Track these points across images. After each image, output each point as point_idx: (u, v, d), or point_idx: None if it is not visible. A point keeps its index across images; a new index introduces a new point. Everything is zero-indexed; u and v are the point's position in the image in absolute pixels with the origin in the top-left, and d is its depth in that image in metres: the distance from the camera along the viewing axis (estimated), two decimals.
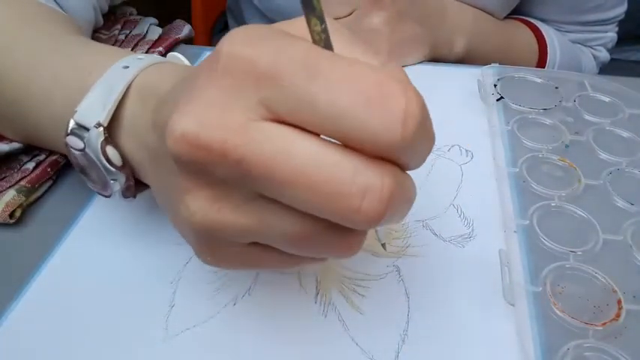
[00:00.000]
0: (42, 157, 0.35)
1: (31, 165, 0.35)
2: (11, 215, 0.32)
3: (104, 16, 0.48)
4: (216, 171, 0.18)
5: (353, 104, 0.16)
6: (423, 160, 0.19)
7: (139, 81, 0.27)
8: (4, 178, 0.34)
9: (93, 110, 0.26)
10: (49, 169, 0.35)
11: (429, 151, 0.18)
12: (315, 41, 0.18)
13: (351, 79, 0.16)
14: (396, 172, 0.17)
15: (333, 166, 0.16)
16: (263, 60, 0.17)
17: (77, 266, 0.31)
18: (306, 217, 0.18)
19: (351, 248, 0.20)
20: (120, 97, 0.26)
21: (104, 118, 0.26)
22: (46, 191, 0.35)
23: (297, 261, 0.21)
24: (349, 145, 0.17)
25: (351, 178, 0.16)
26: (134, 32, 0.49)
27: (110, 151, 0.26)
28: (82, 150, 0.26)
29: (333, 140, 0.17)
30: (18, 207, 0.33)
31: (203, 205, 0.19)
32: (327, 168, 0.16)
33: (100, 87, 0.27)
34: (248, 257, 0.21)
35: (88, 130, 0.26)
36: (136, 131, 0.26)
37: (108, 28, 0.49)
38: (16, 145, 0.35)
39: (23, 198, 0.33)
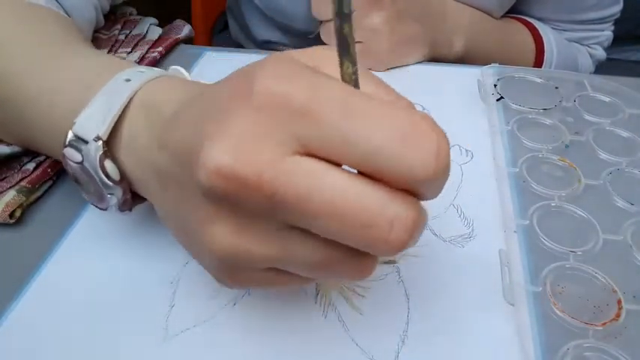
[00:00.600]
0: (42, 157, 0.35)
1: (31, 165, 0.35)
2: (11, 215, 0.32)
3: (105, 16, 0.48)
4: (248, 203, 0.18)
5: (389, 140, 0.17)
6: (438, 194, 0.19)
7: (142, 96, 0.26)
8: (5, 178, 0.34)
9: (92, 123, 0.26)
10: (49, 170, 0.35)
11: (445, 183, 0.19)
12: (345, 82, 0.19)
13: (385, 117, 0.17)
14: (417, 203, 0.18)
15: (363, 198, 0.17)
16: (299, 96, 0.17)
17: (77, 266, 0.31)
18: (328, 246, 0.19)
19: (365, 272, 0.20)
20: (120, 111, 0.26)
21: (104, 131, 0.25)
22: (46, 191, 0.35)
23: (310, 282, 0.23)
24: (380, 177, 0.17)
25: (381, 210, 0.17)
26: (134, 32, 0.49)
27: (109, 165, 0.26)
28: (80, 163, 0.26)
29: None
30: (18, 207, 0.33)
31: (229, 235, 0.19)
32: (358, 200, 0.17)
33: (101, 99, 0.26)
34: (266, 280, 0.22)
35: (86, 142, 0.26)
36: (137, 147, 0.25)
37: (108, 28, 0.49)
38: (17, 148, 0.35)
39: (23, 198, 0.33)
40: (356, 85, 0.19)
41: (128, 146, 0.26)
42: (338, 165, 0.18)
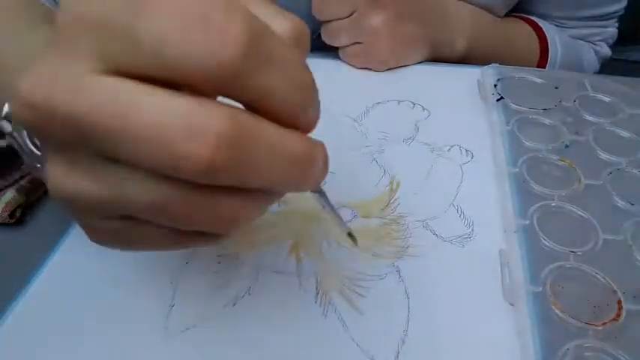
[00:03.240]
0: None
1: None
2: (11, 215, 0.32)
3: None
4: (53, 133, 0.17)
5: (171, 31, 0.15)
6: (299, 106, 0.17)
7: None
8: (4, 177, 0.34)
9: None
10: None
11: (291, 84, 0.16)
12: None
13: (172, 6, 0.15)
14: (241, 114, 0.16)
15: (160, 111, 0.15)
16: (92, 9, 0.16)
17: (77, 266, 0.31)
18: (160, 181, 0.17)
19: (223, 218, 0.18)
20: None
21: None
22: (46, 191, 0.35)
23: (183, 239, 0.20)
24: (183, 85, 0.15)
25: (178, 123, 0.15)
26: None
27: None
28: (10, 133, 0.25)
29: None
30: (18, 207, 0.33)
31: (59, 175, 0.18)
32: (154, 114, 0.15)
33: None
34: (127, 234, 0.20)
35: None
36: None
37: None
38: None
39: (23, 197, 0.33)
40: None
41: None
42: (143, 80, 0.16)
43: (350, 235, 0.23)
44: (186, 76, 0.15)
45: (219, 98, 0.17)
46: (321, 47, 0.49)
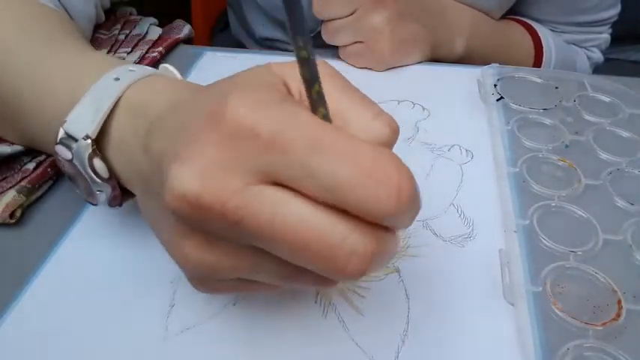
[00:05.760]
0: (42, 157, 0.35)
1: (31, 165, 0.35)
2: (11, 215, 0.32)
3: (105, 16, 0.48)
4: (213, 227, 0.19)
5: (351, 178, 0.17)
6: (408, 226, 0.20)
7: (130, 95, 0.26)
8: (5, 178, 0.34)
9: (82, 121, 0.26)
10: (49, 170, 0.35)
11: (413, 219, 0.19)
12: (312, 100, 0.19)
13: (350, 153, 0.17)
14: (380, 235, 0.18)
15: (324, 229, 0.18)
16: (268, 128, 0.18)
17: (77, 266, 0.31)
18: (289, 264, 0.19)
19: (329, 284, 0.21)
20: (109, 111, 0.26)
21: (92, 130, 0.26)
22: (46, 191, 0.35)
23: (278, 288, 0.23)
24: (344, 209, 0.18)
25: (340, 242, 0.18)
26: (134, 32, 0.49)
27: (97, 163, 0.26)
28: (70, 160, 0.26)
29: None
30: (18, 207, 0.33)
31: (198, 250, 0.20)
32: (318, 231, 0.18)
33: (90, 98, 0.26)
34: (234, 287, 0.23)
35: (76, 140, 0.26)
36: (124, 147, 0.26)
37: (108, 28, 0.49)
38: (17, 148, 0.35)
39: (24, 198, 0.33)
40: (324, 106, 0.19)
41: (117, 146, 0.26)
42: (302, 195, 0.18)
43: None
44: (353, 212, 0.18)
45: None
46: (320, 46, 0.49)
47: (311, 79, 0.18)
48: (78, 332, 0.28)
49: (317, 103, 0.19)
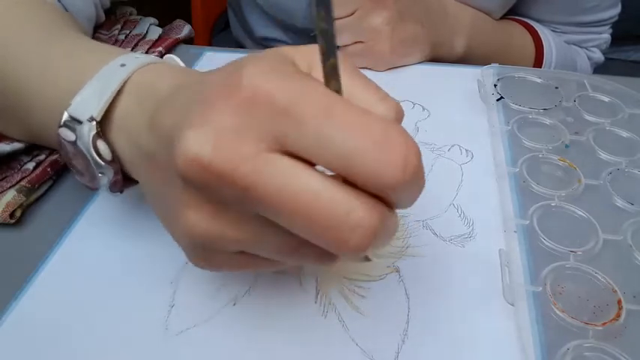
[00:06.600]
0: (42, 157, 0.35)
1: (31, 165, 0.35)
2: (11, 215, 0.32)
3: (105, 16, 0.48)
4: (222, 193, 0.19)
5: (361, 146, 0.17)
6: (411, 204, 0.20)
7: (136, 79, 0.27)
8: (5, 178, 0.34)
9: (87, 104, 0.26)
10: (49, 169, 0.35)
11: (417, 196, 0.20)
12: (327, 76, 0.19)
13: (361, 124, 0.18)
14: (384, 212, 0.19)
15: (332, 201, 0.18)
16: (283, 96, 0.18)
17: (77, 266, 0.31)
18: (295, 235, 0.19)
19: (332, 259, 0.21)
20: (115, 93, 0.26)
21: (97, 112, 0.26)
22: (46, 191, 0.35)
23: (281, 265, 0.23)
24: (351, 180, 0.18)
25: (345, 215, 0.18)
26: (134, 32, 0.49)
27: (101, 145, 0.26)
28: (74, 142, 0.27)
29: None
30: (18, 207, 0.33)
31: (204, 220, 0.20)
32: (325, 202, 0.18)
33: (96, 82, 0.27)
34: (237, 262, 0.23)
35: (80, 123, 0.26)
36: (128, 129, 0.26)
37: (108, 28, 0.49)
38: (17, 145, 0.35)
39: (23, 198, 0.33)
40: (337, 80, 0.20)
41: (120, 128, 0.27)
42: (312, 165, 0.18)
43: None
44: (360, 181, 0.18)
45: None
46: None
47: (328, 52, 0.18)
48: (78, 332, 0.28)
49: (330, 76, 0.19)
